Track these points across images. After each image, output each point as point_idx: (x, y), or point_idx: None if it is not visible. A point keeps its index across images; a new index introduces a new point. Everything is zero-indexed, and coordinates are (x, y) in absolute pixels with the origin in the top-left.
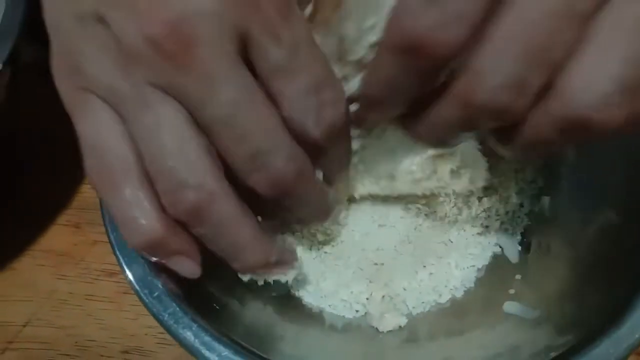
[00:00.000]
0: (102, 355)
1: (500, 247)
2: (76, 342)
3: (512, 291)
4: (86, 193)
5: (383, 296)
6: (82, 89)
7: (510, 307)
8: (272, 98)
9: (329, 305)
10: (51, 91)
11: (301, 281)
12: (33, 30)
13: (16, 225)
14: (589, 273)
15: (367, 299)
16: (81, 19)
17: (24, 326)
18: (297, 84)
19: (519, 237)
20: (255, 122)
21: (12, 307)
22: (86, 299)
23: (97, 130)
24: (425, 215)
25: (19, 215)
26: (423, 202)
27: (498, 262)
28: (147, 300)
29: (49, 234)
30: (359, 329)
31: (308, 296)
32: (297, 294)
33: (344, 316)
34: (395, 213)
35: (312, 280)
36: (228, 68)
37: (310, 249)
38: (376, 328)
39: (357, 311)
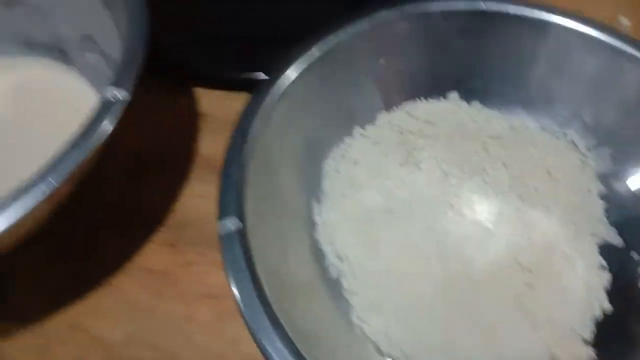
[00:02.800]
0: None
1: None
2: None
3: None
4: (181, 211)
5: None
6: None
7: None
8: None
9: None
10: (144, 109)
11: None
12: None
13: (113, 242)
14: None
15: None
16: None
17: (123, 344)
18: None
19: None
20: None
21: (110, 323)
22: (184, 320)
23: None
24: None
25: (115, 232)
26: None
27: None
28: None
29: (144, 251)
30: None
31: None
32: None
33: None
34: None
35: None
36: None
37: None
38: None
39: None
